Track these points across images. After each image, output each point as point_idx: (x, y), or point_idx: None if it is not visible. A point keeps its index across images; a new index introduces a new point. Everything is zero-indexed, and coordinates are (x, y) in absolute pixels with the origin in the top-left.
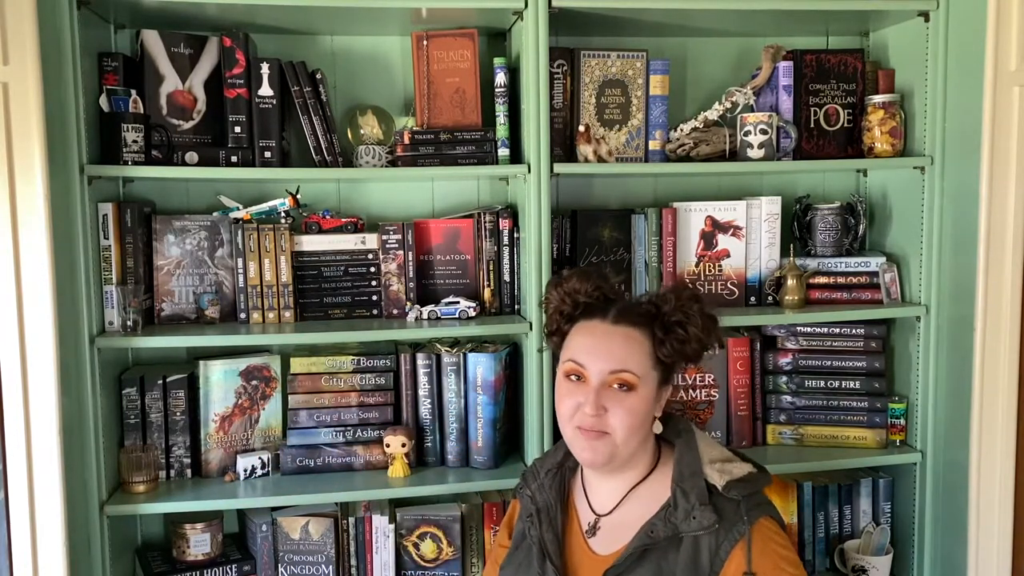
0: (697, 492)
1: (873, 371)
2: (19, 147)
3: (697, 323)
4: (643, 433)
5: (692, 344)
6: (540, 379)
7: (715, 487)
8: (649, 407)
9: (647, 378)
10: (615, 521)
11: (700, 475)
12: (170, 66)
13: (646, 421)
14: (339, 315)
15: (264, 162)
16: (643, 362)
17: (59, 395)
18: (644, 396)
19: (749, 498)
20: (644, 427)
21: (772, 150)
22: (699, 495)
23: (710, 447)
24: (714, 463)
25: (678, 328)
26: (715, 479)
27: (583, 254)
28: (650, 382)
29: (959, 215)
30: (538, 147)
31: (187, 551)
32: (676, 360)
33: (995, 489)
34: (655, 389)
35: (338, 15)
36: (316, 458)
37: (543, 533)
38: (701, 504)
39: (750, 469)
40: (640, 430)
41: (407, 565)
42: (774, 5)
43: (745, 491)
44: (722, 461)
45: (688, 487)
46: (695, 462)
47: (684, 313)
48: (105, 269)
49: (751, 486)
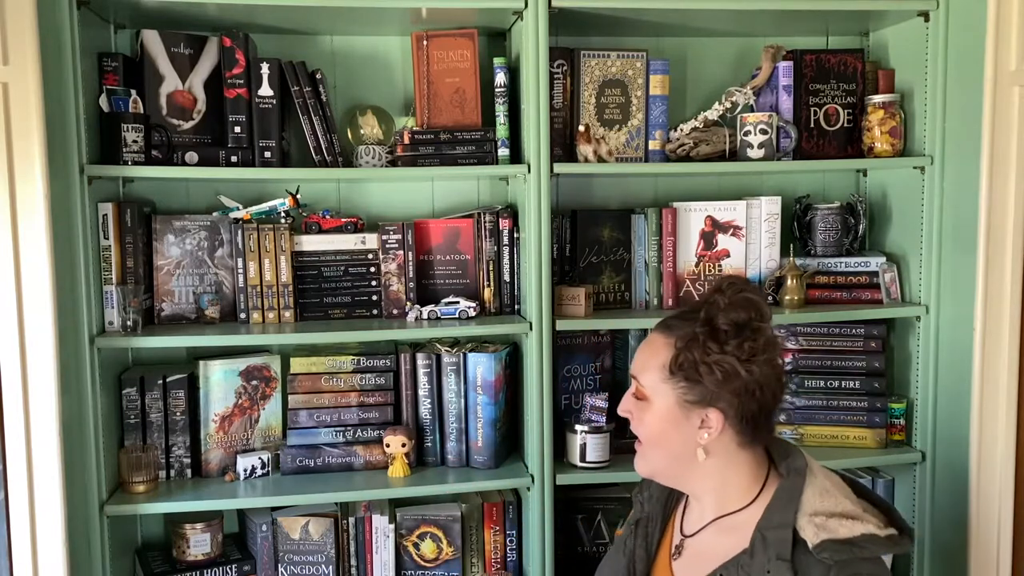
0: (777, 545)
1: (873, 371)
2: (19, 147)
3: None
4: (675, 454)
5: (712, 362)
6: (540, 379)
7: (806, 543)
8: (668, 427)
9: (658, 392)
10: (699, 548)
11: (789, 526)
12: (170, 66)
13: (670, 442)
14: (339, 315)
15: (264, 162)
16: (654, 374)
17: (59, 395)
18: (658, 413)
19: (846, 565)
20: (670, 447)
21: (772, 150)
22: (779, 549)
23: (822, 496)
24: (816, 516)
25: (701, 336)
26: (808, 534)
27: (583, 254)
28: (666, 397)
29: (959, 215)
30: (538, 147)
31: (187, 551)
32: (695, 378)
33: (995, 489)
34: (676, 408)
35: (338, 15)
36: (316, 458)
37: (636, 547)
38: (779, 559)
39: (870, 532)
40: (664, 450)
41: (407, 565)
42: (774, 5)
43: (842, 556)
44: (828, 515)
45: (771, 537)
46: (789, 511)
47: (727, 320)
48: (105, 269)
49: (854, 552)
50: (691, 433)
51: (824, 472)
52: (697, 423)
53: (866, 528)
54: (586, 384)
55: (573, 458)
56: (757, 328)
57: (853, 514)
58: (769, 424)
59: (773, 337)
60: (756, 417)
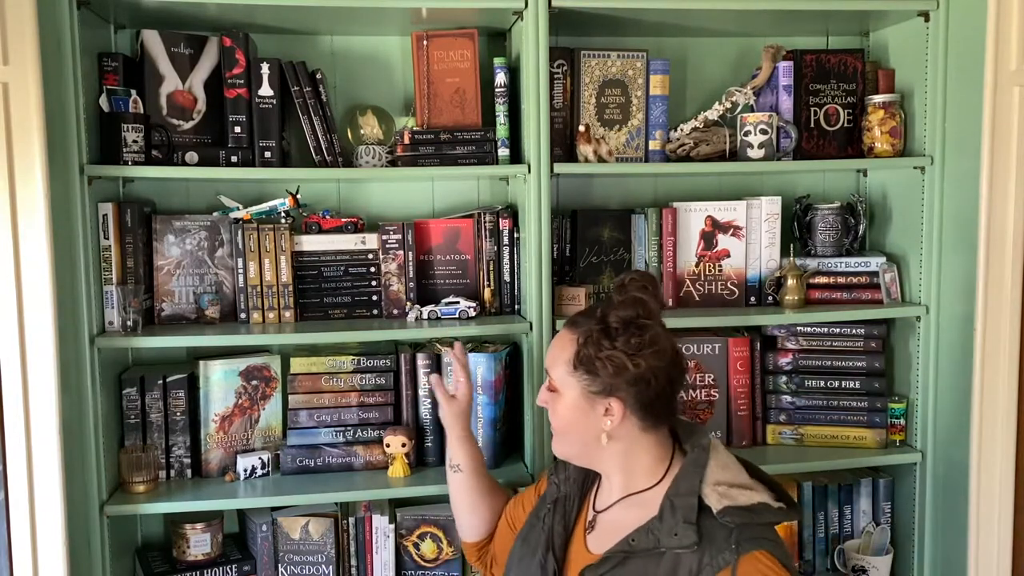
0: (684, 510)
1: (873, 371)
2: (19, 147)
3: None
4: (584, 440)
5: (605, 356)
6: (540, 379)
7: (710, 509)
8: (577, 415)
9: (566, 384)
10: (611, 522)
11: (695, 494)
12: (170, 66)
13: (579, 429)
14: (339, 315)
15: (264, 162)
16: (562, 368)
17: (59, 395)
18: (567, 403)
19: (745, 528)
20: (580, 434)
21: (772, 150)
22: (686, 513)
23: (723, 469)
24: (719, 485)
25: (595, 334)
26: (712, 501)
27: (583, 254)
28: (572, 389)
29: (959, 215)
30: (538, 147)
31: (187, 551)
32: (594, 371)
33: (995, 489)
34: (581, 399)
35: (338, 15)
36: (316, 458)
37: (554, 523)
38: (685, 522)
39: (764, 501)
40: (575, 436)
41: (407, 565)
42: (774, 5)
43: (742, 519)
44: (730, 485)
45: (678, 503)
46: (695, 480)
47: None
48: (105, 269)
49: (753, 516)
50: (596, 421)
51: (724, 450)
52: (601, 411)
53: (762, 498)
54: None
55: None
56: (642, 325)
57: (750, 485)
58: (670, 408)
59: (659, 332)
60: (654, 403)
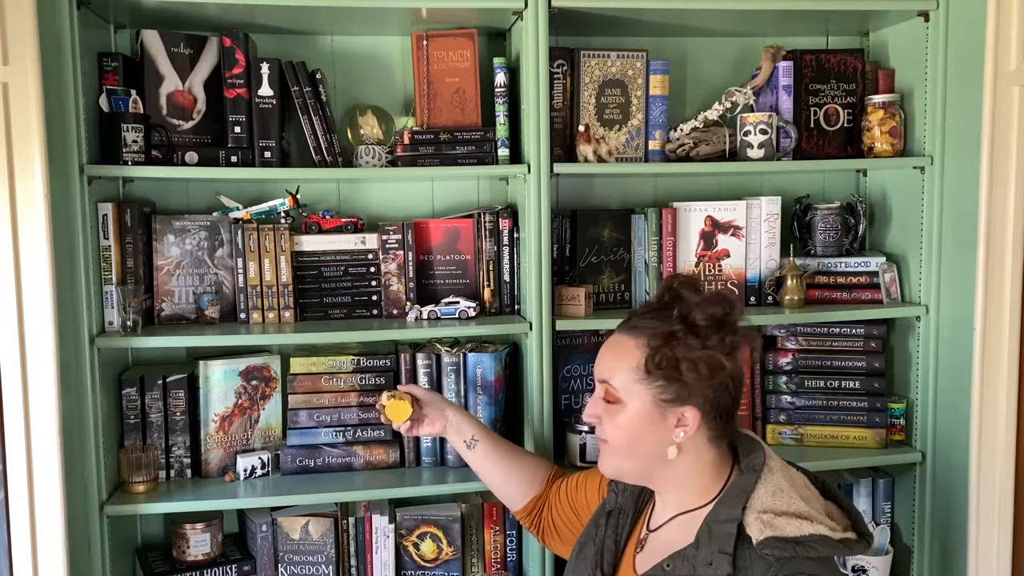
0: (721, 539)
1: (873, 371)
2: (19, 147)
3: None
4: (648, 454)
5: (696, 358)
6: (540, 379)
7: (751, 539)
8: (643, 427)
9: (632, 393)
10: (661, 542)
11: (735, 521)
12: (170, 66)
13: (645, 443)
14: (339, 315)
15: (264, 162)
16: (627, 375)
17: (59, 395)
18: (632, 414)
19: (788, 562)
20: (644, 448)
21: (772, 150)
22: (722, 542)
23: (774, 495)
24: (765, 513)
25: (680, 334)
26: (753, 531)
27: (583, 254)
28: (640, 398)
29: (959, 215)
30: (538, 147)
31: (187, 551)
32: (675, 376)
33: (995, 489)
34: (651, 408)
35: (338, 15)
36: (316, 458)
37: (606, 537)
38: (721, 552)
39: (820, 533)
40: (638, 450)
41: (407, 565)
42: (774, 5)
43: (784, 553)
44: (777, 513)
45: (716, 531)
46: (737, 506)
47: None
48: (105, 269)
49: (798, 550)
50: (665, 432)
51: (784, 471)
52: (673, 422)
53: (816, 529)
54: (586, 384)
55: (573, 458)
56: (733, 323)
57: (805, 514)
58: (735, 416)
59: (747, 330)
60: (728, 410)
